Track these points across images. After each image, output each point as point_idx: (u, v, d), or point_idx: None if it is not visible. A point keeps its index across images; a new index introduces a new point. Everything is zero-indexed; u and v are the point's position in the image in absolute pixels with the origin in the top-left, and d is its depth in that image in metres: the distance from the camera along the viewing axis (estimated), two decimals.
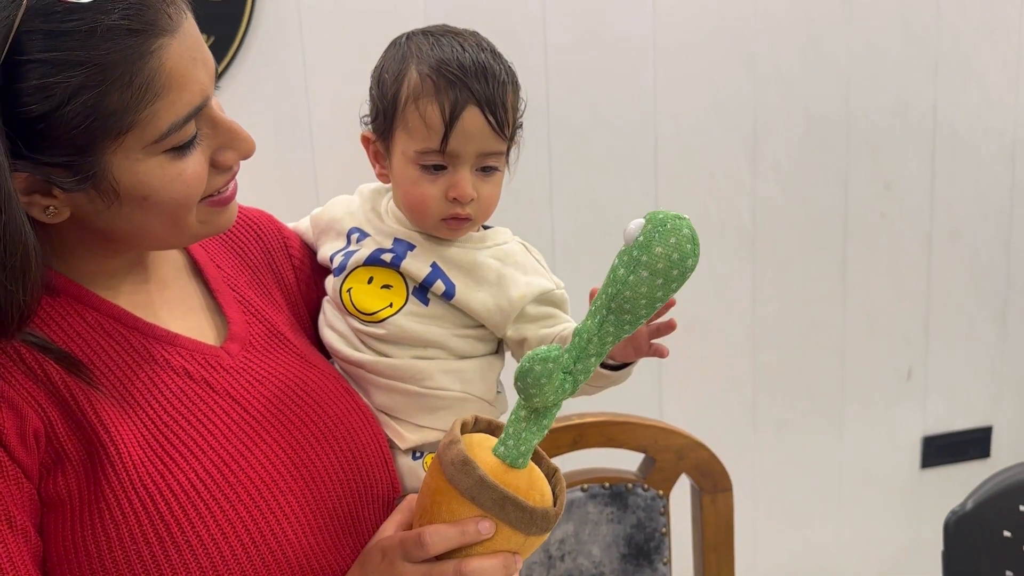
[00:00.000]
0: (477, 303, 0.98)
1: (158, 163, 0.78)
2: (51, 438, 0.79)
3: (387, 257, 1.00)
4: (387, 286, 1.00)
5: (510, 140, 1.00)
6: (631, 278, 0.76)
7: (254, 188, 1.16)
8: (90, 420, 0.80)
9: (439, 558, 0.83)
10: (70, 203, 0.78)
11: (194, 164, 0.80)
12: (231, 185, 0.87)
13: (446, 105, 0.93)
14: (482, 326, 1.01)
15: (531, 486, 0.83)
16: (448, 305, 0.99)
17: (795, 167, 2.07)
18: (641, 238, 0.76)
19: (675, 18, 1.93)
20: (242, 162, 0.88)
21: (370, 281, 1.00)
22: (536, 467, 0.86)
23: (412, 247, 1.00)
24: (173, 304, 0.93)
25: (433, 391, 0.99)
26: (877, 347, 2.22)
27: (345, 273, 1.01)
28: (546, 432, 0.83)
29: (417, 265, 0.99)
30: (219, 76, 1.67)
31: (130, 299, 0.89)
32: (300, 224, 1.13)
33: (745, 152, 2.03)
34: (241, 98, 1.73)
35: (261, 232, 1.06)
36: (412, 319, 0.99)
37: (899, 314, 2.22)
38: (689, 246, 0.76)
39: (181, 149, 0.79)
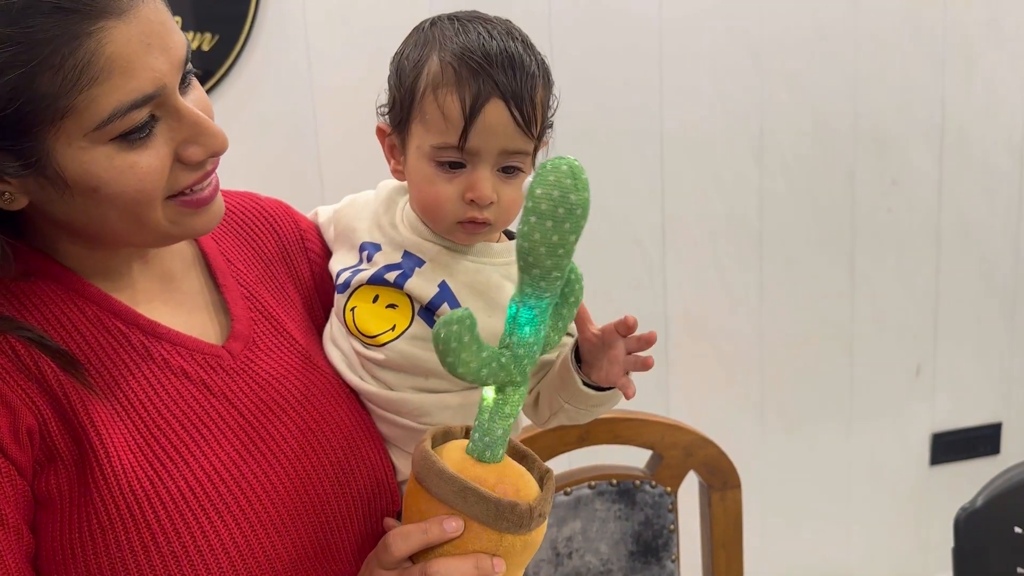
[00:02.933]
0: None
1: (105, 153, 0.74)
2: (44, 436, 0.78)
3: (391, 276, 0.93)
4: (392, 305, 0.94)
5: (538, 140, 0.91)
6: (525, 228, 0.75)
7: (259, 185, 1.16)
8: (81, 421, 0.79)
9: (415, 562, 0.80)
10: (23, 190, 0.76)
11: (149, 157, 0.76)
12: (207, 187, 0.82)
13: (467, 96, 0.85)
14: None
15: (501, 480, 0.80)
16: None
17: (802, 164, 2.06)
18: (529, 188, 0.75)
19: (681, 14, 1.92)
20: (248, 161, 0.85)
21: (375, 300, 0.95)
22: (514, 464, 0.83)
23: (421, 263, 0.94)
24: (178, 300, 0.91)
25: (429, 427, 0.93)
26: (885, 344, 2.21)
27: (349, 291, 0.96)
28: (511, 421, 0.80)
29: (423, 285, 0.93)
30: (224, 75, 1.69)
31: (132, 292, 0.87)
32: (321, 216, 1.08)
33: (752, 149, 2.03)
34: (246, 97, 1.73)
35: (277, 225, 1.03)
36: (414, 344, 0.93)
37: (907, 310, 2.21)
38: (568, 181, 0.73)
39: (132, 140, 0.74)
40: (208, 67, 1.69)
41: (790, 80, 2.01)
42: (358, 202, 1.03)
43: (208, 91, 1.70)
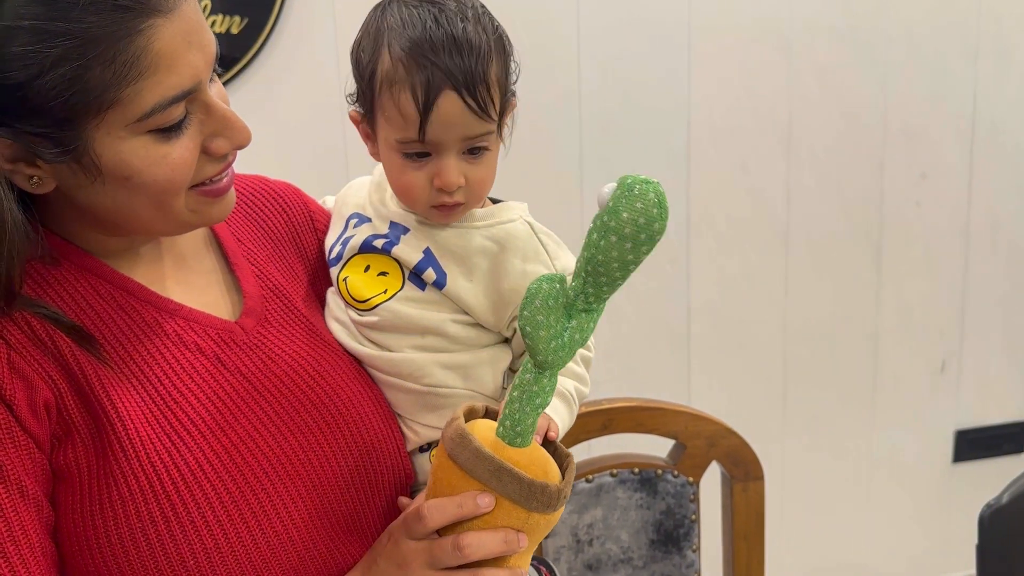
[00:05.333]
0: (468, 295, 0.95)
1: (142, 143, 0.76)
2: (61, 410, 0.79)
3: (379, 243, 0.97)
4: (383, 273, 0.97)
5: (500, 116, 0.92)
6: (603, 243, 0.77)
7: (286, 169, 1.16)
8: (98, 395, 0.80)
9: (442, 535, 0.83)
10: (54, 174, 0.78)
11: (181, 149, 0.78)
12: (225, 177, 0.85)
13: (419, 93, 0.86)
14: None
15: (531, 462, 0.83)
16: (442, 293, 0.95)
17: (830, 156, 2.04)
18: (611, 203, 0.77)
19: (710, 4, 1.91)
20: (275, 143, 0.87)
21: (367, 269, 0.98)
22: (540, 448, 0.86)
23: (406, 231, 0.97)
24: (190, 278, 0.92)
25: (432, 388, 0.96)
26: (910, 339, 2.20)
27: (342, 262, 0.99)
28: (540, 411, 0.83)
29: (409, 251, 0.96)
30: (252, 59, 1.70)
31: (145, 272, 0.89)
32: (328, 203, 1.11)
33: (780, 141, 2.01)
34: (274, 80, 1.74)
35: (286, 205, 1.05)
36: (407, 304, 0.95)
37: (933, 306, 2.19)
38: (656, 211, 0.76)
39: (167, 132, 0.77)
40: (236, 51, 1.70)
41: (819, 72, 1.99)
42: (355, 184, 1.07)
43: (236, 74, 1.72)
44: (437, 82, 0.86)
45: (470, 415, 0.88)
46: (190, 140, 0.79)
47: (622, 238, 0.76)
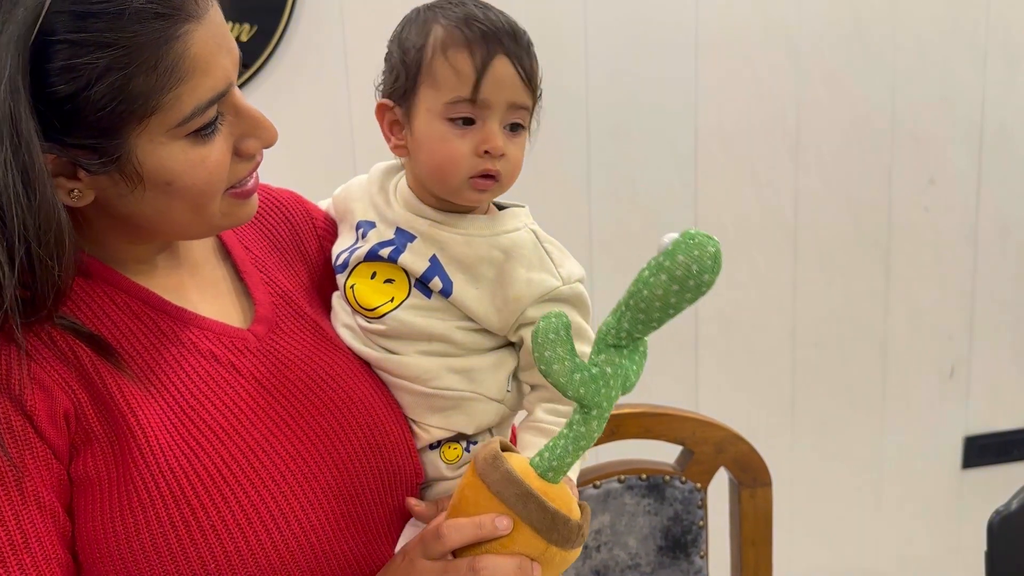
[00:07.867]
0: (474, 303, 0.96)
1: (181, 148, 0.78)
2: (80, 419, 0.80)
3: (385, 252, 0.98)
4: (390, 280, 0.98)
5: (535, 98, 0.98)
6: (652, 279, 0.80)
7: (295, 175, 1.17)
8: (117, 404, 0.81)
9: (457, 557, 0.83)
10: (94, 186, 0.79)
11: (217, 151, 0.81)
12: (253, 177, 0.87)
13: (477, 53, 0.92)
14: None
15: (558, 496, 0.83)
16: (448, 301, 0.97)
17: (838, 160, 2.04)
18: (670, 247, 0.80)
19: (718, 7, 1.91)
20: (284, 151, 0.89)
21: (373, 276, 0.99)
22: (567, 488, 0.87)
23: (412, 238, 0.98)
24: (202, 287, 0.94)
25: (440, 391, 0.97)
26: (919, 344, 2.19)
27: (348, 270, 1.01)
28: (581, 454, 0.84)
29: (415, 259, 0.97)
30: (262, 66, 1.71)
31: (160, 282, 0.90)
32: (323, 205, 1.12)
33: (788, 145, 2.01)
34: (283, 87, 1.74)
35: (289, 212, 1.07)
36: (413, 312, 0.97)
37: (942, 311, 2.19)
38: (710, 262, 0.78)
39: (203, 134, 0.79)
40: (246, 58, 1.70)
41: (828, 76, 1.99)
42: (352, 186, 1.08)
43: (246, 81, 1.72)
44: (493, 45, 0.92)
45: (504, 447, 0.88)
46: (224, 142, 0.81)
47: (672, 279, 0.79)
